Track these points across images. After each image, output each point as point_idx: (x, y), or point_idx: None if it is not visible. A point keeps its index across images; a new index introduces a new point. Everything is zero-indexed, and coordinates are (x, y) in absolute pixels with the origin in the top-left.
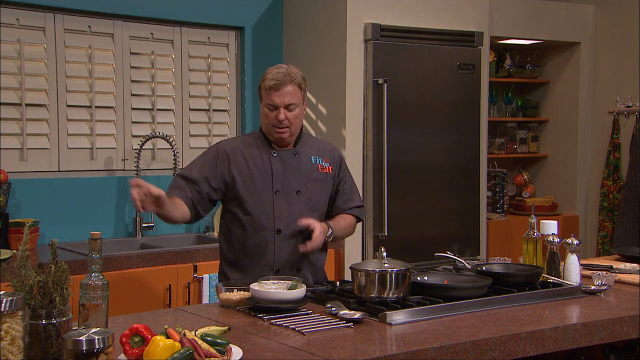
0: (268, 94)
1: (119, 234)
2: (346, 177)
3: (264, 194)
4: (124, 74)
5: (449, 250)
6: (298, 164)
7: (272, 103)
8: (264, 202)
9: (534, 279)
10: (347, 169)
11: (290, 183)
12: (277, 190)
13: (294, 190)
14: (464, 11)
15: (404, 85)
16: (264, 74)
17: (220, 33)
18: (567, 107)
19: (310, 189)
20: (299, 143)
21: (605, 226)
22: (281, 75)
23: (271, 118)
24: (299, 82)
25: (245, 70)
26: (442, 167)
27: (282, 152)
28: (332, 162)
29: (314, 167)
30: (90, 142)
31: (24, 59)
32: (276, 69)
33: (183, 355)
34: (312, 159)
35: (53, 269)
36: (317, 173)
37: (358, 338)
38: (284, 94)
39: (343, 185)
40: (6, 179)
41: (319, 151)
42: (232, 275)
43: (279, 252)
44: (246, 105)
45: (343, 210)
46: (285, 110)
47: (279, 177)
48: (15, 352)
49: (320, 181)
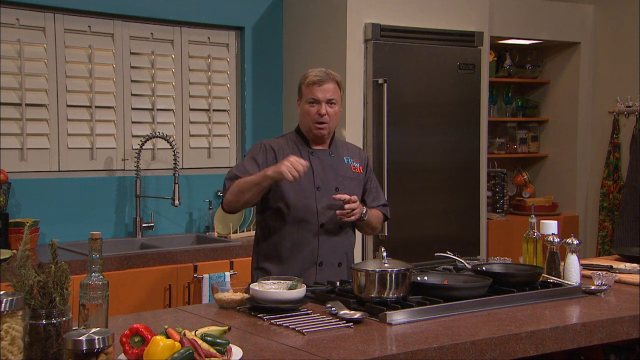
0: (310, 89)
1: (119, 234)
2: (372, 177)
3: (307, 189)
4: (124, 74)
5: (449, 250)
6: (334, 163)
7: (315, 97)
8: (307, 197)
9: (534, 279)
10: (372, 170)
11: (329, 180)
12: (319, 187)
13: (333, 187)
14: (464, 11)
15: (404, 85)
16: (306, 73)
17: (220, 33)
18: (567, 107)
19: (347, 186)
20: (332, 144)
21: (605, 226)
22: (323, 73)
23: (312, 113)
24: (339, 81)
25: (245, 70)
26: (442, 167)
27: (319, 152)
28: (362, 162)
29: (348, 166)
30: (90, 142)
31: (24, 59)
32: (315, 69)
33: (183, 355)
34: (344, 159)
35: (53, 269)
36: (350, 172)
37: (358, 338)
38: (326, 90)
39: (370, 184)
40: (6, 179)
41: (350, 152)
42: (273, 269)
43: (323, 245)
44: (246, 105)
45: (371, 207)
46: (326, 106)
47: (319, 174)
48: (15, 352)
49: (355, 179)
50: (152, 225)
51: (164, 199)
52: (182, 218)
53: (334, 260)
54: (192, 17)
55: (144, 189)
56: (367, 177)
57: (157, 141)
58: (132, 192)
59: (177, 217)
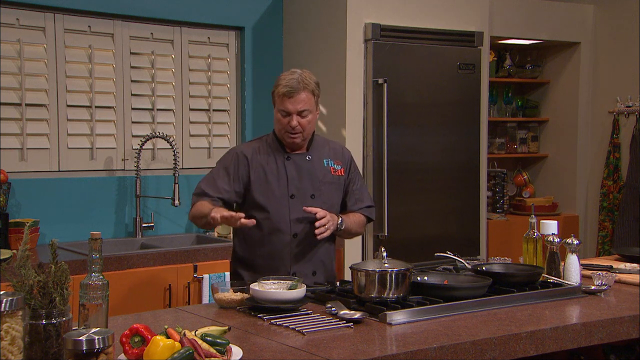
0: (281, 100)
1: (119, 234)
2: (356, 177)
3: (281, 198)
4: (124, 74)
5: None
6: (311, 168)
7: (285, 110)
8: (280, 206)
9: (534, 279)
10: (357, 169)
11: (305, 187)
12: (293, 195)
13: (309, 194)
14: (464, 11)
15: (404, 85)
16: (278, 79)
17: (220, 33)
18: (567, 107)
19: (324, 192)
20: (311, 147)
21: (605, 226)
22: (294, 82)
23: (284, 124)
24: (312, 88)
25: (245, 70)
26: (442, 167)
27: (295, 157)
28: (344, 164)
29: (327, 170)
30: (90, 142)
31: (24, 59)
32: (290, 74)
33: (183, 355)
34: (324, 162)
35: (53, 269)
36: (330, 176)
37: (358, 338)
38: (297, 101)
39: (353, 185)
40: (6, 179)
41: (331, 153)
42: (248, 277)
43: (297, 256)
44: (246, 105)
45: (353, 211)
46: (297, 117)
47: (294, 181)
48: (15, 352)
49: (334, 184)
50: (152, 225)
51: (164, 199)
52: (182, 218)
53: (307, 270)
54: (192, 17)
55: (144, 189)
56: (349, 178)
57: (157, 141)
58: (132, 192)
59: (177, 217)
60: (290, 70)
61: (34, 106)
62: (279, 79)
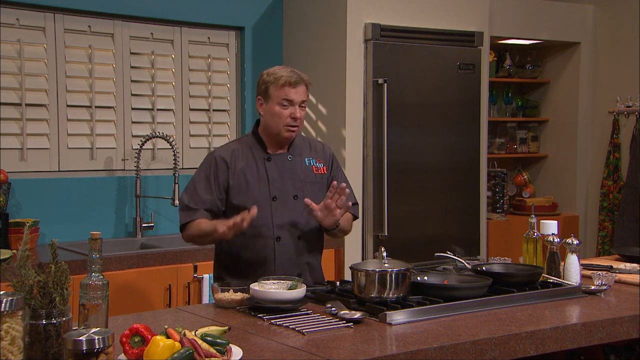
0: (284, 91)
1: (119, 234)
2: (338, 174)
3: (262, 201)
4: (124, 74)
5: (449, 250)
6: (293, 168)
7: (290, 99)
8: (262, 209)
9: (534, 279)
10: (339, 166)
11: (287, 188)
12: (275, 197)
13: (291, 196)
14: (464, 11)
15: (404, 85)
16: (272, 74)
17: (220, 33)
18: (567, 107)
19: (307, 192)
20: (292, 146)
21: (605, 226)
22: (294, 74)
23: (285, 116)
24: (307, 83)
25: (245, 70)
26: (442, 167)
27: (276, 157)
28: (326, 161)
29: (309, 169)
30: (90, 142)
31: (24, 59)
32: (283, 69)
33: (183, 355)
34: (306, 161)
35: (53, 269)
36: (312, 175)
37: (358, 338)
38: (300, 92)
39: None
40: (6, 179)
41: (312, 152)
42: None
43: (280, 259)
44: (246, 105)
45: None
46: (298, 108)
47: (276, 183)
48: (15, 352)
49: (317, 183)
50: (152, 225)
51: (164, 199)
52: None
53: (292, 272)
54: (192, 17)
55: (144, 189)
56: (332, 175)
57: (157, 141)
58: (132, 192)
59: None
60: (277, 66)
61: (34, 106)
62: (273, 73)
